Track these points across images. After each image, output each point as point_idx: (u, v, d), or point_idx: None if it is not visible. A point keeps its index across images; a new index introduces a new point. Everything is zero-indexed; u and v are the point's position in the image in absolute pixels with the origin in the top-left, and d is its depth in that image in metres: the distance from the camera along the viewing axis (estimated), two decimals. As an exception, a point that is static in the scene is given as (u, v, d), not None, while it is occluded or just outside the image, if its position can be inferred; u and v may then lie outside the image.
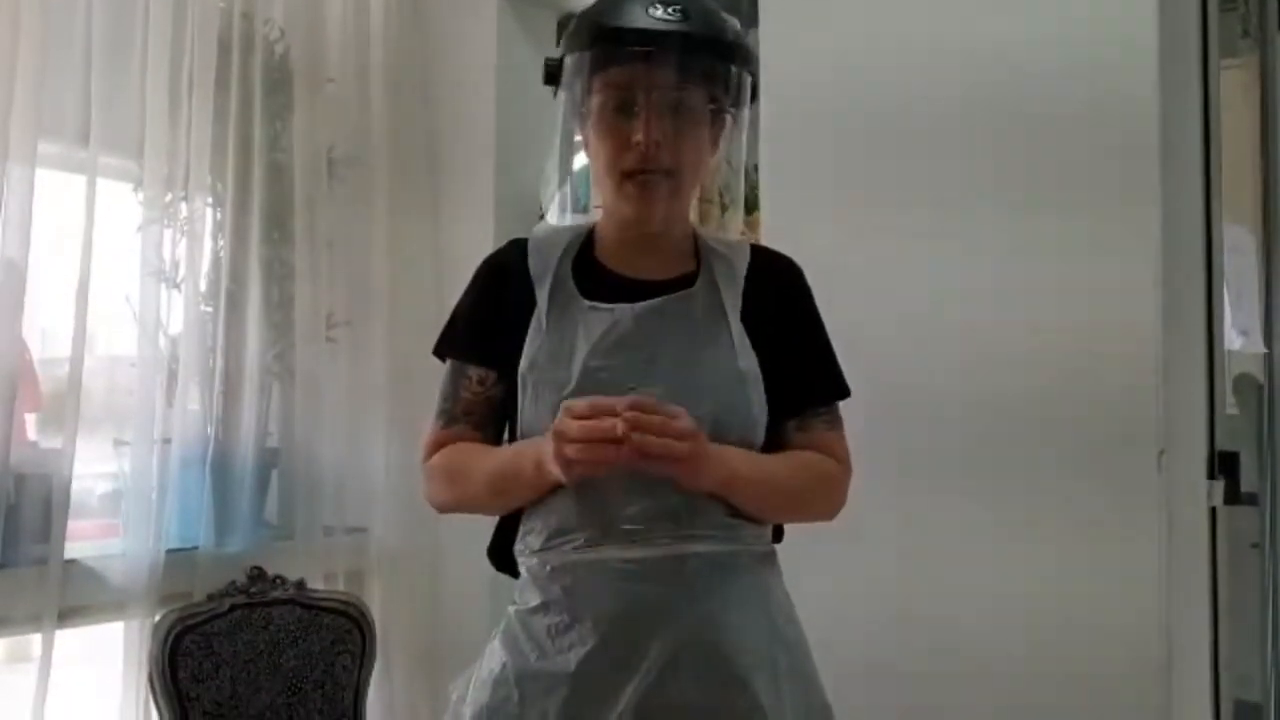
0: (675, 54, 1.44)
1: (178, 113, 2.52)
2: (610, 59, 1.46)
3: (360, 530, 2.84)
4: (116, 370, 2.49)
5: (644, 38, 1.43)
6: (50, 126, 2.31)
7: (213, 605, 2.40)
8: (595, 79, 1.48)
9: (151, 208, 2.48)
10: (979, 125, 2.13)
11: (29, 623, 2.26)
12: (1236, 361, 2.57)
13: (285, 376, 2.70)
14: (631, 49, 1.44)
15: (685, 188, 1.52)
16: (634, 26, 1.43)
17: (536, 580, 1.47)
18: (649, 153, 1.45)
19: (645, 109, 1.45)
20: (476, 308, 1.59)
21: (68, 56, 2.36)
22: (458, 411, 1.56)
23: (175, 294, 2.51)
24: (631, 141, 1.45)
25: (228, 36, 2.61)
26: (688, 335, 1.49)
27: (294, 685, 2.44)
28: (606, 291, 1.51)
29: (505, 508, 1.52)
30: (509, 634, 1.49)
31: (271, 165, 2.68)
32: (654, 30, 1.43)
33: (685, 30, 1.43)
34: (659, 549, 1.42)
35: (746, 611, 1.46)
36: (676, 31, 1.43)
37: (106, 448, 2.47)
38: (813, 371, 1.57)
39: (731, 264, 1.56)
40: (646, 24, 1.43)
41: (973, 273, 2.12)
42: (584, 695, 1.42)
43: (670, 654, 1.40)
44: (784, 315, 1.56)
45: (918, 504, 2.13)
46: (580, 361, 1.45)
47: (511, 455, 1.50)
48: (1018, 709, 2.02)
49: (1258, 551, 2.59)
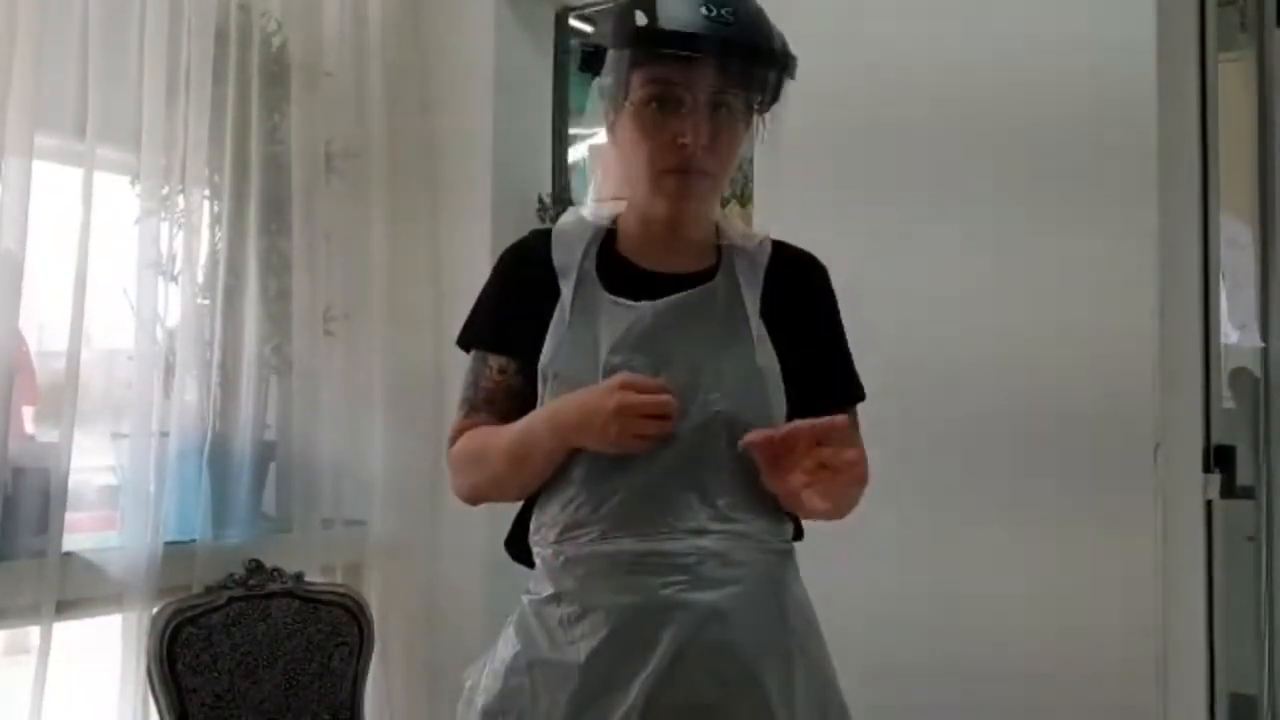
0: (729, 58, 1.44)
1: (175, 105, 2.51)
2: (661, 56, 1.45)
3: (358, 523, 2.84)
4: (114, 363, 2.49)
5: (700, 42, 1.42)
6: (47, 119, 2.30)
7: (211, 597, 2.40)
8: (638, 73, 1.46)
9: (149, 200, 2.48)
10: (975, 119, 2.13)
11: (27, 615, 2.26)
12: (1233, 355, 2.57)
13: (283, 369, 2.70)
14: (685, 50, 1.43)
15: (719, 189, 1.54)
16: (690, 30, 1.42)
17: (550, 571, 1.48)
18: (694, 153, 1.45)
19: (693, 110, 1.45)
20: (498, 297, 1.60)
21: (64, 48, 2.35)
22: (479, 400, 1.57)
23: (173, 287, 2.51)
24: (676, 141, 1.45)
25: (225, 28, 2.60)
26: (707, 331, 1.50)
27: (292, 677, 2.44)
28: (629, 285, 1.51)
29: (525, 483, 1.52)
30: (522, 623, 1.50)
31: (269, 158, 2.68)
32: (709, 34, 1.42)
33: (738, 36, 1.43)
34: (673, 543, 1.42)
35: (760, 608, 1.46)
36: (731, 38, 1.42)
37: (104, 440, 2.46)
38: (836, 372, 1.58)
39: (753, 259, 1.56)
40: (703, 27, 1.42)
41: (969, 270, 2.12)
42: (594, 686, 1.42)
43: (681, 648, 1.41)
44: (805, 313, 1.56)
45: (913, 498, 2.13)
46: (603, 356, 1.46)
47: (528, 430, 1.49)
48: (1013, 699, 2.02)
49: (1253, 544, 2.60)
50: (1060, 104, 2.04)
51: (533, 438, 1.47)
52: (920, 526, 2.14)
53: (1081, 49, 2.03)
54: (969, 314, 2.12)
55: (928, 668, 2.10)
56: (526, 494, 1.54)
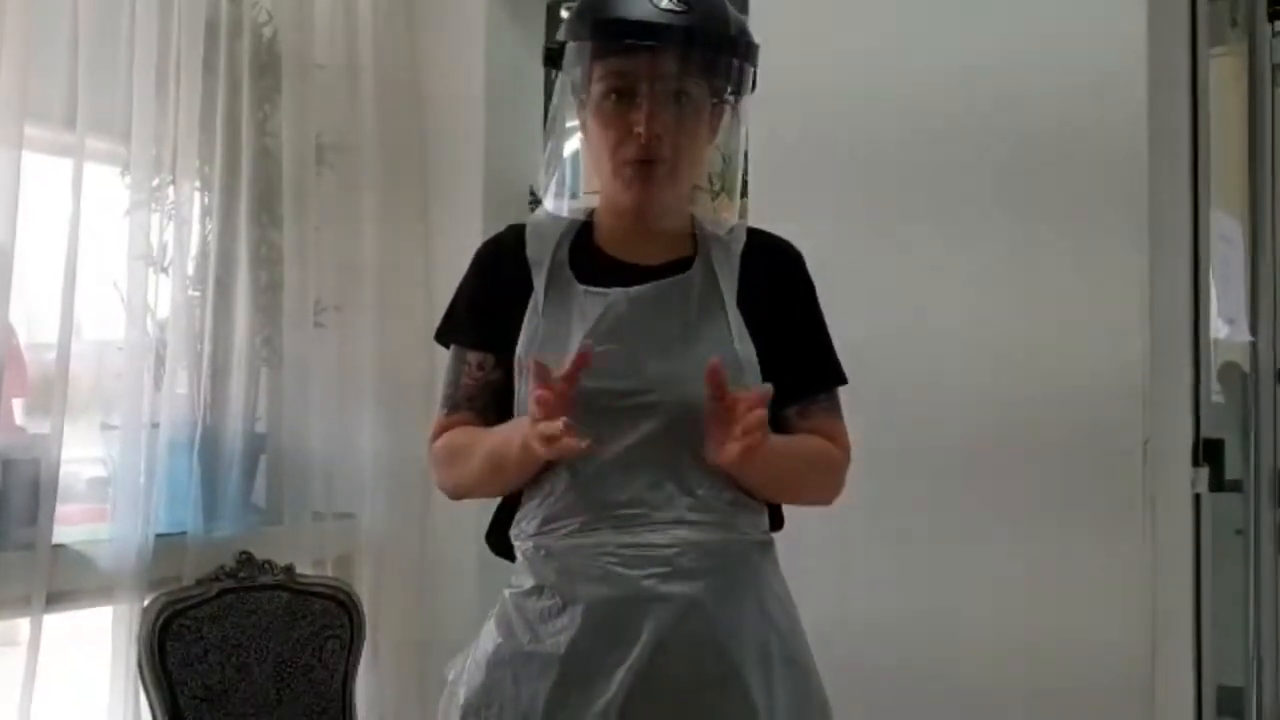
0: (679, 47, 1.44)
1: (165, 96, 2.50)
2: (613, 48, 1.46)
3: (349, 515, 2.84)
4: (104, 355, 2.48)
5: (649, 31, 1.42)
6: (37, 110, 2.29)
7: (201, 590, 2.40)
8: (597, 66, 1.48)
9: (139, 191, 2.47)
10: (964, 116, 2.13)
11: (17, 607, 2.26)
12: (1222, 350, 2.58)
13: (274, 361, 2.69)
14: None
15: (683, 177, 1.52)
16: (639, 19, 1.42)
17: (531, 563, 1.48)
18: (649, 144, 1.45)
19: (647, 100, 1.45)
20: (474, 293, 1.60)
21: (54, 39, 2.34)
22: (460, 397, 1.57)
23: (163, 278, 2.50)
24: (632, 131, 1.45)
25: (215, 19, 2.60)
26: (683, 320, 1.49)
27: (282, 670, 2.44)
28: (603, 276, 1.51)
29: (506, 488, 1.53)
30: (503, 616, 1.50)
31: (260, 150, 2.67)
32: (659, 24, 1.42)
33: (690, 24, 1.43)
34: (652, 535, 1.42)
35: (739, 599, 1.46)
36: (681, 25, 1.42)
37: (94, 432, 2.46)
38: (814, 357, 1.57)
39: (728, 248, 1.56)
40: (651, 16, 1.42)
41: (960, 267, 2.12)
42: (574, 678, 1.42)
43: (660, 640, 1.41)
44: (781, 298, 1.56)
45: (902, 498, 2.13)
46: (575, 345, 1.45)
47: (502, 436, 1.50)
48: (1003, 691, 2.03)
49: (1241, 538, 2.61)
50: (1051, 101, 2.05)
51: (508, 448, 1.47)
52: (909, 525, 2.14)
53: (1073, 44, 2.03)
54: (959, 311, 2.12)
55: (915, 663, 2.10)
56: (508, 493, 1.54)
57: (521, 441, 1.41)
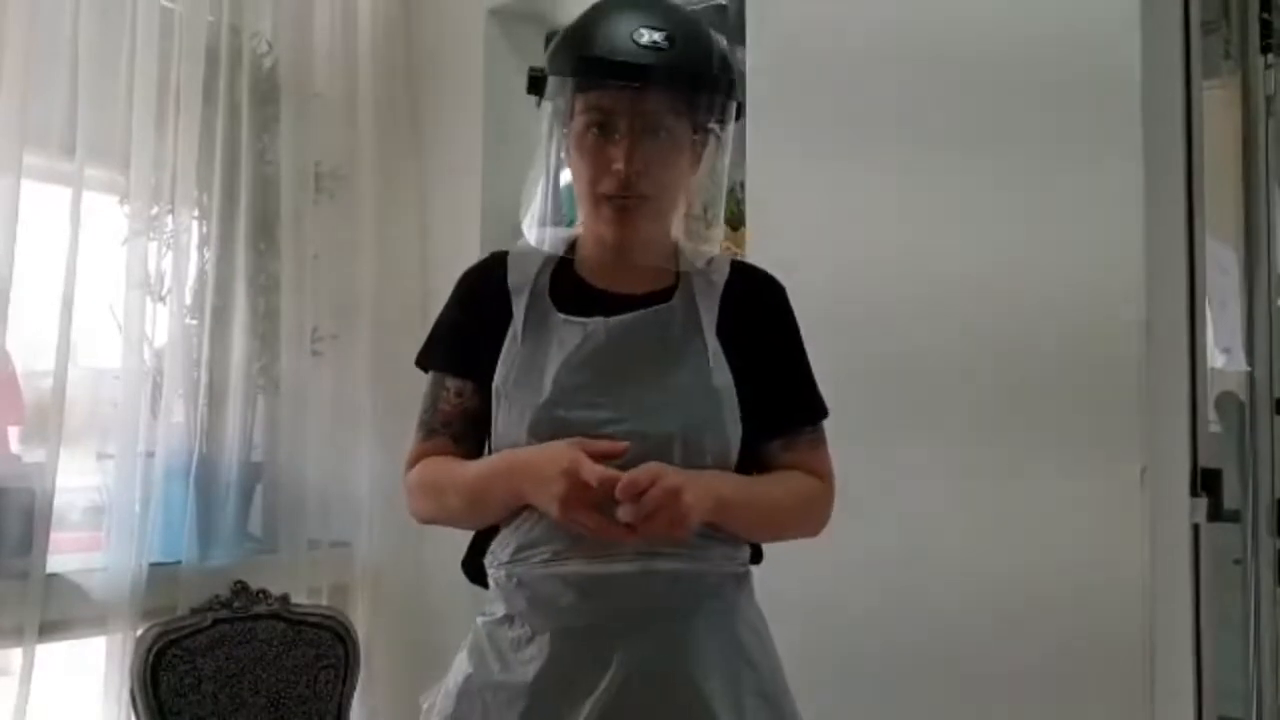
0: (662, 85, 1.44)
1: (164, 125, 2.52)
2: (594, 83, 1.46)
3: (344, 545, 2.83)
4: (100, 383, 2.48)
5: (629, 71, 1.42)
6: (35, 137, 2.31)
7: (196, 619, 2.39)
8: (578, 99, 1.48)
9: (137, 220, 2.48)
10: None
11: (10, 636, 2.24)
12: (1219, 379, 2.58)
13: (270, 389, 2.69)
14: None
15: (664, 211, 1.53)
16: (619, 59, 1.42)
17: (503, 592, 1.49)
18: (629, 180, 1.45)
19: (627, 137, 1.44)
20: (455, 320, 1.59)
21: (54, 67, 2.36)
22: (437, 424, 1.56)
23: (160, 306, 2.51)
24: (611, 167, 1.45)
25: (215, 49, 2.61)
26: (661, 350, 1.49)
27: (277, 700, 2.43)
28: (583, 305, 1.51)
29: (481, 521, 1.53)
30: (475, 645, 1.50)
31: (258, 178, 2.68)
32: (644, 64, 1.42)
33: (670, 62, 1.43)
34: (624, 565, 1.41)
35: (711, 631, 1.46)
36: (662, 65, 1.42)
37: (90, 461, 2.46)
38: (797, 390, 1.57)
39: (710, 279, 1.55)
40: (632, 54, 1.42)
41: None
42: (542, 709, 1.42)
43: (630, 672, 1.41)
44: (763, 331, 1.55)
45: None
46: (552, 374, 1.45)
47: (485, 476, 1.49)
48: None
49: (1240, 567, 2.60)
50: (1048, 129, 2.06)
51: (489, 484, 1.47)
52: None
53: (1067, 76, 2.04)
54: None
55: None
56: (483, 527, 1.54)
57: (511, 490, 1.43)
